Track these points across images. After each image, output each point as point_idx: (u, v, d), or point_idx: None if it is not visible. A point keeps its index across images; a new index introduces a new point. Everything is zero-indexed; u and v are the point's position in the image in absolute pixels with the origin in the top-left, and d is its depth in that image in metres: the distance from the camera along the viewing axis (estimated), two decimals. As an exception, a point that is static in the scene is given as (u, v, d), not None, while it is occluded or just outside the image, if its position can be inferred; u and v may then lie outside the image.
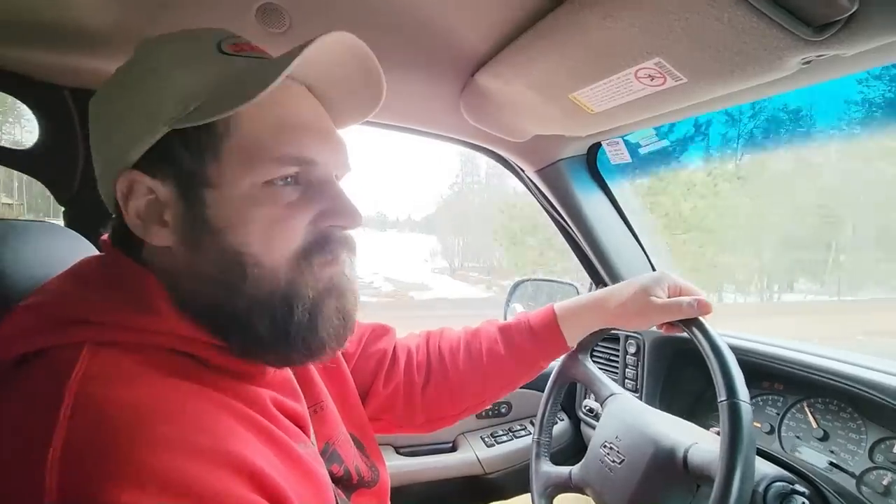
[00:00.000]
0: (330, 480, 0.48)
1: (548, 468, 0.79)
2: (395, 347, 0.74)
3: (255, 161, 0.40)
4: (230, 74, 0.41)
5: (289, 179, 0.42)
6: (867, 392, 0.71)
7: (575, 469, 0.76)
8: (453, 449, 1.21)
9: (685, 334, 0.65)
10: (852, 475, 0.71)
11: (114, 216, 0.45)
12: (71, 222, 0.81)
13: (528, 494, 0.79)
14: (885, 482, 0.67)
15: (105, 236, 0.46)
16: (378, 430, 0.67)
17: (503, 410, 1.26)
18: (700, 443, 0.64)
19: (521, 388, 0.76)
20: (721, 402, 0.56)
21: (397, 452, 1.15)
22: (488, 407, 1.21)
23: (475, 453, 1.18)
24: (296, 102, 0.44)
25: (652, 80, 0.59)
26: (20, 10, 0.62)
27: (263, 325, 0.41)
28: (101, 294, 0.40)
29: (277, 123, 0.41)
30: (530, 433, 1.20)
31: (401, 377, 0.71)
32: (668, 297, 0.67)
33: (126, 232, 0.43)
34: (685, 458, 0.63)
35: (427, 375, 0.72)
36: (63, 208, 0.81)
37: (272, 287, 0.41)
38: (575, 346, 0.75)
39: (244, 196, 0.40)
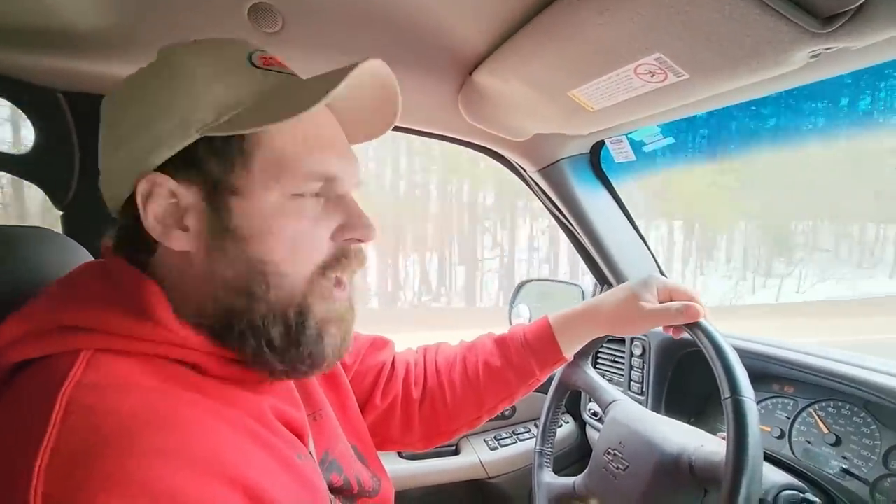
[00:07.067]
0: (328, 491, 0.47)
1: (551, 479, 0.77)
2: (393, 361, 0.73)
3: (284, 174, 0.41)
4: (265, 90, 0.42)
5: (314, 194, 0.43)
6: (880, 397, 0.69)
7: (579, 479, 0.74)
8: (456, 452, 1.19)
9: (688, 335, 0.64)
10: (866, 482, 0.68)
11: (118, 220, 0.44)
12: (68, 227, 0.80)
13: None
14: (900, 490, 0.65)
15: (107, 242, 0.45)
16: (375, 446, 0.66)
17: (506, 413, 1.25)
18: (706, 446, 0.62)
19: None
20: (725, 399, 0.55)
21: (399, 456, 1.14)
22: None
23: (478, 457, 1.17)
24: (320, 120, 0.45)
25: (652, 76, 0.57)
26: (10, 14, 0.62)
27: (278, 332, 0.42)
28: (100, 301, 0.39)
29: (305, 139, 0.43)
30: (534, 436, 1.18)
31: (398, 391, 0.71)
32: (658, 301, 0.67)
33: (132, 237, 0.42)
34: (690, 462, 0.61)
35: (424, 391, 0.72)
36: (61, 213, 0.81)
37: (290, 298, 0.42)
38: (571, 358, 0.74)
39: (272, 207, 0.41)
